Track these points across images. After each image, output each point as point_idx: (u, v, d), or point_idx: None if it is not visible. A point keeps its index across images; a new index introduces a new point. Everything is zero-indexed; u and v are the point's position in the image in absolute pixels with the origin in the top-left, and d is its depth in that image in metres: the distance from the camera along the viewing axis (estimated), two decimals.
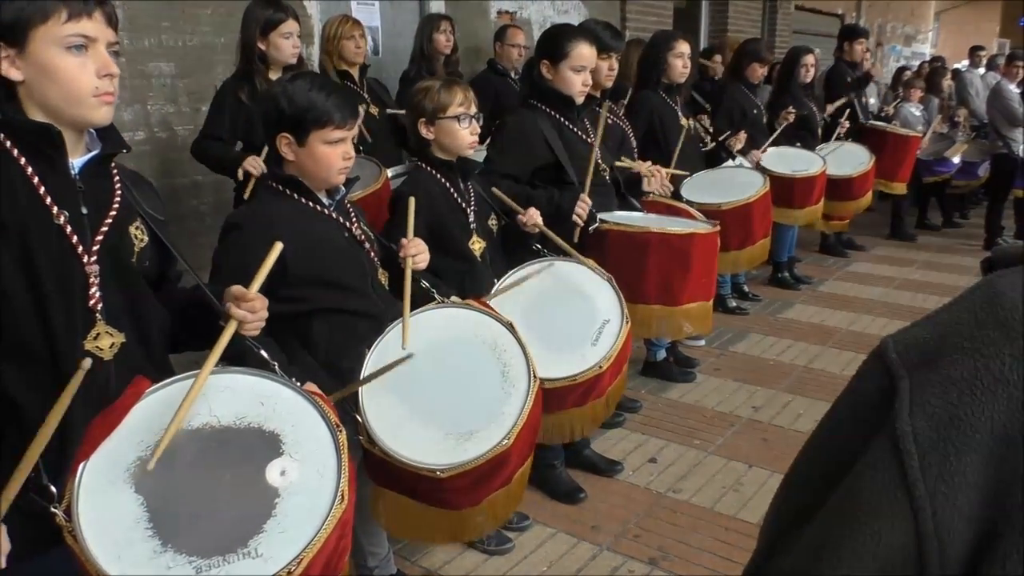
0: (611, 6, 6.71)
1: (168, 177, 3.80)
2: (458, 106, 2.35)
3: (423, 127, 2.37)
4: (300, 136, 1.85)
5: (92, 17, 1.30)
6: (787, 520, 0.63)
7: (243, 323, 1.45)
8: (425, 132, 2.37)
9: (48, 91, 1.31)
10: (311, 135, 1.84)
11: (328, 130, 1.84)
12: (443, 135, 2.37)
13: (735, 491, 2.99)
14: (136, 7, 3.61)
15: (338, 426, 1.36)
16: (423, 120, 2.36)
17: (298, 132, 1.85)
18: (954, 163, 6.73)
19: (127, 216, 1.44)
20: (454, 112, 2.34)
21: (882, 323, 4.93)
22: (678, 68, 3.94)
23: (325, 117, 1.84)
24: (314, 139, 1.85)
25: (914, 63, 11.42)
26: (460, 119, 2.35)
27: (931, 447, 0.51)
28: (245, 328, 1.46)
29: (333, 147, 1.86)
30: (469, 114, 2.37)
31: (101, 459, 1.24)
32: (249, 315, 1.46)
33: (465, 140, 2.38)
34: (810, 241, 6.61)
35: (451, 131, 2.36)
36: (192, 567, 1.16)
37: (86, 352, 1.35)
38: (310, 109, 1.83)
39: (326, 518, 1.23)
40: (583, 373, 2.16)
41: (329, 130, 1.85)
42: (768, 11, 9.50)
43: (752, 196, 3.84)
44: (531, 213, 2.50)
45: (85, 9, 1.29)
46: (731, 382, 4.03)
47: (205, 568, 1.16)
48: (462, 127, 2.36)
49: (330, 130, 1.85)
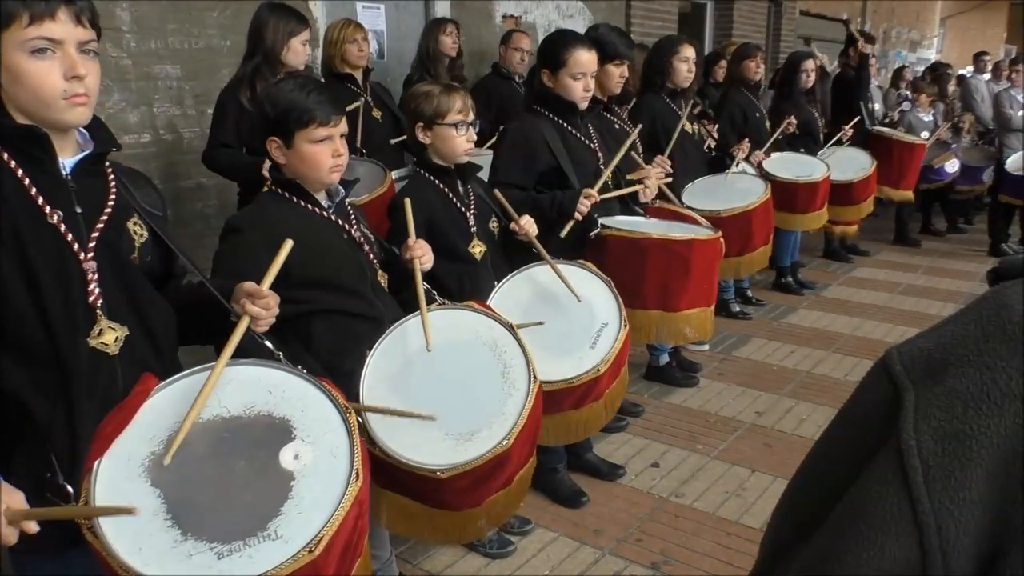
0: (616, 10, 6.73)
1: (173, 180, 3.81)
2: (456, 113, 2.34)
3: (420, 131, 2.37)
4: (286, 138, 1.86)
5: (56, 18, 1.26)
6: (790, 530, 0.63)
7: (256, 319, 1.47)
8: (422, 136, 2.37)
9: (19, 95, 1.30)
10: (296, 136, 1.85)
11: (312, 128, 1.84)
12: (439, 141, 2.37)
13: (738, 496, 2.99)
14: (142, 9, 3.63)
15: (347, 408, 1.38)
16: (420, 124, 2.36)
17: (284, 134, 1.86)
18: (947, 171, 6.71)
19: (124, 213, 1.44)
20: (452, 119, 2.34)
21: (886, 328, 4.92)
22: (682, 72, 3.95)
23: (307, 116, 1.84)
24: (299, 139, 1.85)
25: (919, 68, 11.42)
26: (458, 126, 2.35)
27: (936, 462, 0.51)
28: (257, 324, 1.48)
29: (320, 145, 1.86)
30: (467, 122, 2.37)
31: (115, 456, 1.25)
32: (263, 312, 1.47)
33: (460, 147, 2.38)
34: (814, 246, 6.61)
35: (447, 137, 2.36)
36: (213, 552, 1.18)
37: (90, 349, 1.36)
38: (292, 110, 1.84)
39: (343, 496, 1.24)
40: (581, 376, 2.17)
41: (312, 128, 1.84)
42: (773, 16, 9.51)
43: (752, 203, 3.84)
44: (524, 222, 2.49)
45: (47, 11, 1.25)
46: (734, 387, 4.03)
47: (227, 552, 1.18)
48: (459, 134, 2.36)
49: (313, 128, 1.84)
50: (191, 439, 1.28)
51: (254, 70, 3.07)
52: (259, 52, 3.08)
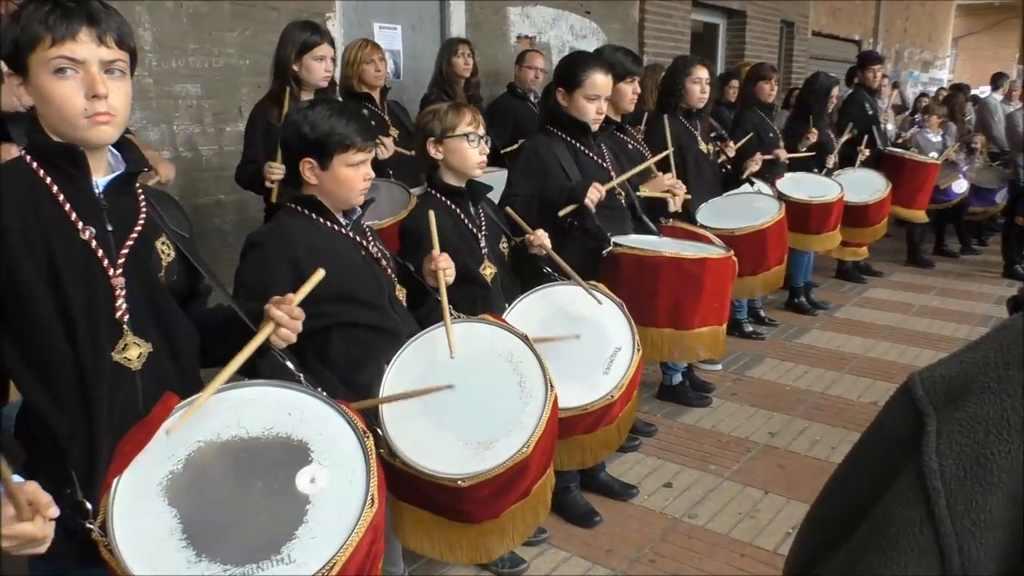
0: (629, 31, 6.79)
1: (192, 196, 3.86)
2: (467, 125, 2.38)
3: (432, 146, 2.40)
4: (323, 161, 1.92)
5: (77, 39, 1.29)
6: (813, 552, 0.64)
7: (279, 325, 1.47)
8: (434, 151, 2.41)
9: (48, 115, 1.33)
10: (335, 159, 1.92)
11: (350, 153, 1.92)
12: (452, 154, 2.40)
13: (751, 517, 2.98)
14: (164, 29, 3.69)
15: (365, 432, 1.39)
16: (432, 139, 2.40)
17: (321, 157, 1.92)
18: (955, 192, 6.70)
19: (152, 232, 1.47)
20: (463, 130, 2.38)
21: (899, 350, 4.90)
22: (696, 93, 3.98)
23: (348, 141, 1.91)
24: (337, 163, 1.92)
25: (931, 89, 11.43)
26: (469, 137, 2.39)
27: (958, 485, 0.52)
28: (279, 332, 1.48)
29: (355, 169, 1.94)
30: (478, 134, 2.41)
31: (134, 474, 1.27)
32: (286, 317, 1.48)
33: (474, 159, 2.41)
34: (827, 267, 6.60)
35: (459, 149, 2.39)
36: (226, 574, 1.18)
37: (114, 364, 1.38)
38: (332, 134, 1.90)
39: (357, 522, 1.25)
40: (595, 403, 2.15)
41: (351, 153, 1.92)
42: (785, 36, 9.55)
43: (766, 222, 3.84)
44: (539, 235, 2.51)
45: (68, 32, 1.28)
46: (747, 407, 4.01)
47: None
48: (471, 146, 2.40)
49: (352, 153, 1.92)
50: (209, 459, 1.30)
51: (278, 87, 3.13)
52: (279, 69, 3.14)
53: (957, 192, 6.72)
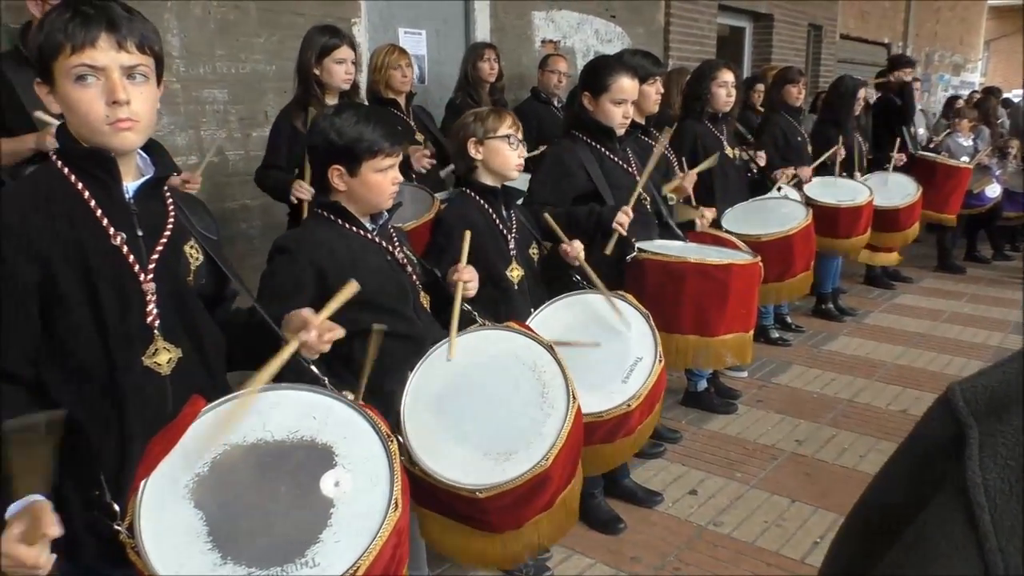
0: (654, 35, 6.76)
1: (219, 200, 3.90)
2: (508, 127, 2.44)
3: (472, 146, 2.43)
4: (352, 167, 1.92)
5: (96, 45, 1.28)
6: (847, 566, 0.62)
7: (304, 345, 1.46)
8: (474, 152, 2.43)
9: (74, 122, 1.34)
10: (363, 165, 1.91)
11: (379, 159, 1.92)
12: (492, 155, 2.44)
13: (778, 526, 2.94)
14: (192, 36, 3.74)
15: (389, 436, 1.39)
16: (474, 139, 2.43)
17: (350, 163, 1.91)
18: (988, 196, 6.58)
19: (181, 236, 1.48)
20: (504, 132, 2.43)
21: (929, 357, 4.82)
22: (722, 97, 3.95)
23: (376, 147, 1.91)
24: (366, 168, 1.92)
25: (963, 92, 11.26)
26: (509, 139, 2.43)
27: (1003, 500, 0.51)
28: (307, 350, 1.47)
29: (384, 174, 1.94)
30: (517, 137, 2.46)
31: (161, 476, 1.27)
32: (316, 340, 1.46)
33: (513, 161, 2.45)
34: (855, 272, 6.51)
35: (500, 150, 2.43)
36: None
37: (144, 368, 1.39)
38: (360, 140, 1.90)
39: (381, 525, 1.25)
40: (610, 411, 2.13)
41: (380, 159, 1.92)
42: (812, 39, 9.46)
43: (792, 228, 3.79)
44: (575, 246, 2.51)
45: (88, 39, 1.28)
46: (773, 414, 3.97)
47: None
48: (511, 148, 2.44)
49: (381, 159, 1.92)
50: (235, 462, 1.30)
51: (303, 93, 3.15)
52: (301, 74, 3.16)
53: (991, 197, 6.61)
